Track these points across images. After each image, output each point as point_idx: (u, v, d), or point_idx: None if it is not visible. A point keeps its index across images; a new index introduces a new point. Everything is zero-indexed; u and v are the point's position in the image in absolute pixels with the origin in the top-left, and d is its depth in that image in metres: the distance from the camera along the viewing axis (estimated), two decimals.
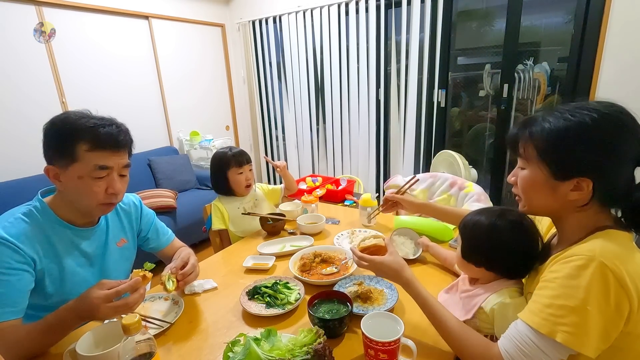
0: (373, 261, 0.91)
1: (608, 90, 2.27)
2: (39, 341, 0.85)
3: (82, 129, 0.90)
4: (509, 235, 0.81)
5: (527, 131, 0.71)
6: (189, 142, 3.70)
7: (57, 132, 0.91)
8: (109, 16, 3.02)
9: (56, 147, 0.91)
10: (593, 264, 0.59)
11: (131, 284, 0.85)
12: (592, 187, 0.65)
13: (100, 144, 0.91)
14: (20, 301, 0.87)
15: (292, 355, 0.72)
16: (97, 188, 0.94)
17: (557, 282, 0.63)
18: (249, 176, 1.64)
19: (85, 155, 0.90)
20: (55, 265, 0.95)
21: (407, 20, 2.89)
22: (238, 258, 1.33)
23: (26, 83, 2.59)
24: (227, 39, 4.10)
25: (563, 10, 2.65)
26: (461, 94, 3.32)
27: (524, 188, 0.75)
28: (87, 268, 1.03)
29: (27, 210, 0.95)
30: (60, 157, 0.91)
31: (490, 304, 0.80)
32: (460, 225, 0.91)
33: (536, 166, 0.70)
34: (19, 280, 0.87)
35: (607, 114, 0.64)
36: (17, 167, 2.55)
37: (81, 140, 0.90)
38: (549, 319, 0.61)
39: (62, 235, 0.97)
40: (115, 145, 0.94)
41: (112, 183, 0.96)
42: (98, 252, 1.06)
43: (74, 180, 0.92)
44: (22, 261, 0.87)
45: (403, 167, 3.24)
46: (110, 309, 0.81)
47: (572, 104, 0.68)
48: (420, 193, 1.90)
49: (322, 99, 3.65)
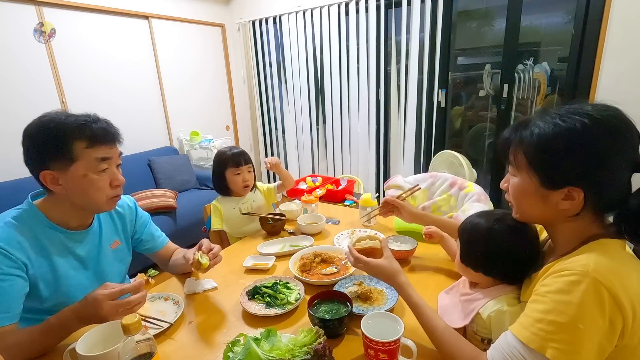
0: (369, 264, 0.90)
1: (608, 90, 2.27)
2: (40, 343, 0.85)
3: (75, 128, 0.90)
4: (507, 241, 0.79)
5: (517, 137, 0.69)
6: (189, 142, 3.70)
7: (48, 136, 0.89)
8: (109, 16, 3.02)
9: (51, 150, 0.89)
10: (586, 280, 0.57)
11: (135, 284, 0.87)
12: (583, 197, 0.63)
13: (97, 138, 0.92)
14: (14, 306, 0.86)
15: (292, 355, 0.72)
16: (103, 182, 0.94)
17: (548, 297, 0.61)
18: (246, 177, 1.63)
19: (84, 153, 0.90)
20: (49, 269, 0.94)
21: (407, 20, 2.89)
22: (238, 258, 1.33)
23: (26, 83, 2.59)
24: (227, 39, 4.10)
25: (563, 10, 2.65)
26: (461, 94, 3.33)
27: (514, 196, 0.74)
28: (82, 271, 1.02)
29: (17, 214, 0.93)
30: (57, 160, 0.89)
31: (488, 311, 0.79)
32: (459, 228, 0.91)
33: (526, 174, 0.68)
34: (12, 286, 0.86)
35: (599, 120, 0.61)
36: (17, 167, 2.54)
37: (77, 139, 0.89)
38: (539, 333, 0.60)
39: (54, 238, 0.96)
40: (111, 138, 0.96)
41: (114, 175, 0.97)
42: (92, 254, 1.05)
43: (78, 180, 0.91)
44: (13, 266, 0.86)
45: (403, 167, 3.24)
46: (113, 307, 0.82)
47: (565, 107, 0.65)
48: (420, 193, 1.90)
49: (322, 99, 3.65)
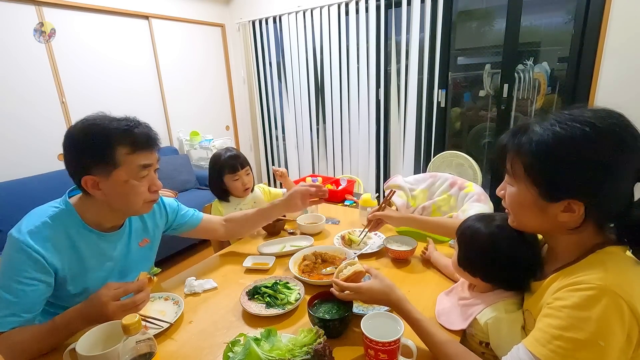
0: (360, 288, 0.85)
1: (608, 90, 2.27)
2: (44, 342, 0.85)
3: (118, 134, 0.89)
4: (508, 249, 0.78)
5: (515, 145, 0.66)
6: (189, 142, 3.70)
7: (92, 141, 0.88)
8: (109, 16, 3.02)
9: (94, 156, 0.88)
10: (606, 296, 0.55)
11: (138, 284, 0.87)
12: (584, 210, 0.61)
13: (139, 145, 0.92)
14: (34, 310, 0.87)
15: (292, 355, 0.72)
16: (143, 188, 0.95)
17: (564, 312, 0.58)
18: (245, 181, 1.62)
19: (127, 159, 0.90)
20: (80, 270, 0.95)
21: (407, 20, 2.89)
22: (238, 258, 1.33)
23: (26, 83, 2.58)
24: (227, 39, 4.10)
25: (563, 10, 2.65)
26: (461, 94, 3.33)
27: (512, 206, 0.72)
28: (109, 270, 1.03)
29: (54, 213, 0.93)
30: (100, 166, 0.89)
31: (485, 317, 0.79)
32: (458, 232, 0.89)
33: (524, 185, 0.66)
34: (34, 291, 0.86)
35: (603, 129, 0.58)
36: (16, 167, 2.55)
37: (120, 145, 0.89)
38: (558, 351, 0.57)
39: (87, 239, 0.96)
40: (152, 144, 0.96)
41: (153, 180, 0.98)
42: (122, 254, 1.06)
43: (120, 186, 0.91)
44: (42, 271, 0.86)
45: (403, 167, 3.25)
46: (118, 307, 0.82)
47: (565, 113, 0.62)
48: (420, 193, 1.90)
49: (322, 99, 3.65)
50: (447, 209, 1.71)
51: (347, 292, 0.88)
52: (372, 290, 0.85)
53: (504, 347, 0.75)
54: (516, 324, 0.76)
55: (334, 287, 0.90)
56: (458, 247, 0.89)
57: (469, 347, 0.78)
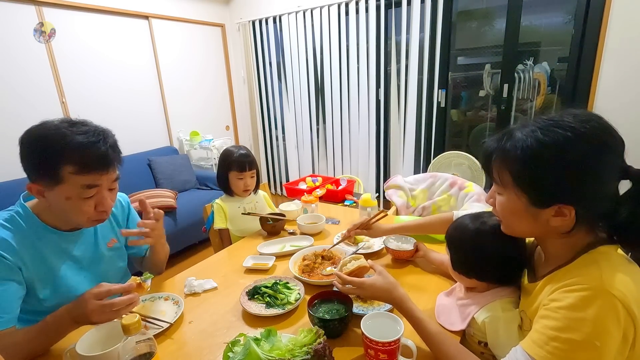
0: (363, 284, 0.85)
1: (608, 90, 2.27)
2: (37, 342, 0.84)
3: (68, 150, 0.82)
4: (494, 245, 0.79)
5: (500, 153, 0.67)
6: (189, 142, 3.70)
7: (37, 151, 0.84)
8: (109, 16, 3.02)
9: (38, 167, 0.84)
10: (601, 296, 0.56)
11: (124, 286, 0.85)
12: (574, 213, 0.62)
13: (87, 166, 0.84)
14: (9, 310, 0.84)
15: (292, 355, 0.72)
16: (87, 207, 0.89)
17: (560, 313, 0.59)
18: (248, 183, 1.62)
19: (71, 178, 0.84)
20: (45, 271, 0.93)
21: (407, 20, 2.89)
22: (238, 258, 1.33)
23: (26, 83, 2.58)
24: (227, 39, 4.10)
25: (563, 10, 2.65)
26: (461, 94, 3.33)
27: (503, 214, 0.72)
28: (79, 271, 1.01)
29: (9, 216, 0.91)
30: (43, 178, 0.85)
31: (482, 317, 0.80)
32: (447, 236, 0.90)
33: (513, 193, 0.66)
34: (6, 290, 0.84)
35: (584, 133, 0.59)
36: (17, 167, 2.54)
37: (67, 163, 0.83)
38: (555, 352, 0.57)
39: (48, 240, 0.94)
40: (105, 166, 0.88)
41: (101, 200, 0.90)
42: (88, 254, 1.04)
43: (61, 201, 0.87)
44: (7, 269, 0.85)
45: (403, 167, 3.25)
46: (97, 306, 0.79)
47: (544, 119, 0.63)
48: (421, 193, 1.90)
49: (322, 99, 3.65)
50: (447, 208, 1.72)
51: (349, 285, 0.88)
52: (375, 286, 0.84)
53: (501, 345, 0.76)
54: (513, 322, 0.76)
55: (336, 279, 0.90)
56: (449, 251, 0.90)
57: (469, 347, 0.79)
